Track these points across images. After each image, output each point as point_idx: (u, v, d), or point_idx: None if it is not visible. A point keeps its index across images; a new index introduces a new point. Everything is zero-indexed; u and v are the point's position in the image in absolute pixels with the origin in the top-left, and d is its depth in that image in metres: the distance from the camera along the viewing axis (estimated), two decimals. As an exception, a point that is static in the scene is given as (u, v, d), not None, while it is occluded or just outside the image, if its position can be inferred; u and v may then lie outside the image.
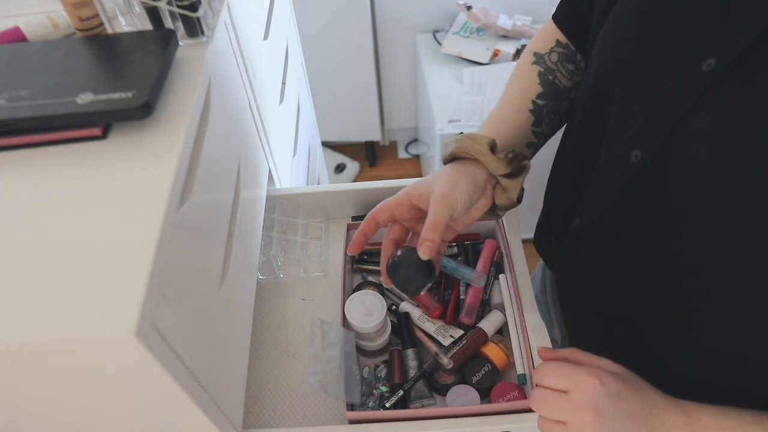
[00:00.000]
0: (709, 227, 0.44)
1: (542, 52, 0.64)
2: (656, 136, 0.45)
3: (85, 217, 0.41)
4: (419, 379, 0.66)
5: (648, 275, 0.52)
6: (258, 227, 0.72)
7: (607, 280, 0.57)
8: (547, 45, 0.64)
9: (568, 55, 0.64)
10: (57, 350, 0.36)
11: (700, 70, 0.41)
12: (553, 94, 0.63)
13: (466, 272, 0.73)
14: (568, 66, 0.64)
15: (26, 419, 0.47)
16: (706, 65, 0.41)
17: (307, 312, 0.77)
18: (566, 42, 0.64)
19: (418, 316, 0.73)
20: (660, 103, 0.45)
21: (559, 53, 0.63)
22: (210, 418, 0.47)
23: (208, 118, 0.53)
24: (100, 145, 0.46)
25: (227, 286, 0.55)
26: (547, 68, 0.63)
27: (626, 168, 0.49)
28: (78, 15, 0.52)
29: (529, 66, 0.64)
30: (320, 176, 1.52)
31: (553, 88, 0.63)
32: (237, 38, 0.68)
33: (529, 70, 0.64)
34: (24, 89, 0.47)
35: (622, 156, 0.49)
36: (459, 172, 0.55)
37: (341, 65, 1.95)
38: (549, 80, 0.63)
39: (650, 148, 0.46)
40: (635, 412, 0.45)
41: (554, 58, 0.63)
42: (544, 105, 0.63)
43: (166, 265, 0.39)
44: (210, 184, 0.52)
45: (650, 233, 0.50)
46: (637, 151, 0.48)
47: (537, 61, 0.64)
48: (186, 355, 0.42)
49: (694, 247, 0.46)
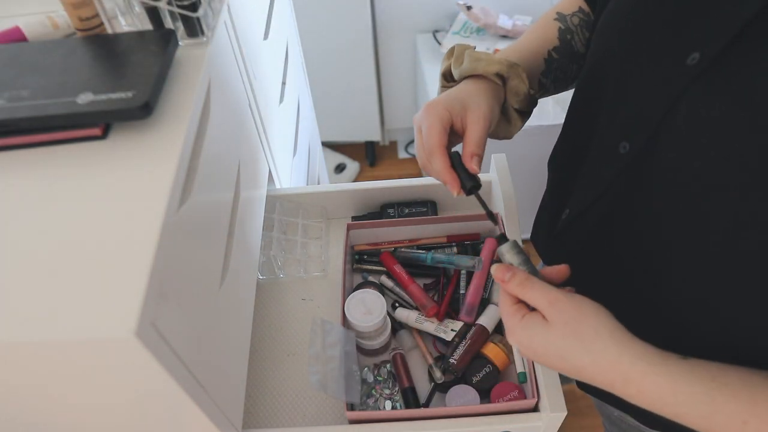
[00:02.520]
0: (694, 216, 0.45)
1: (565, 13, 0.66)
2: (643, 127, 0.47)
3: (85, 217, 0.41)
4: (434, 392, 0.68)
5: (638, 265, 0.53)
6: (258, 227, 0.72)
7: (598, 270, 0.57)
8: (571, 8, 0.66)
9: (588, 22, 0.65)
10: (57, 350, 0.36)
11: (684, 64, 0.42)
12: (567, 53, 0.65)
13: (463, 260, 0.73)
14: (585, 33, 0.65)
15: (26, 419, 0.47)
16: (691, 59, 0.42)
17: (307, 312, 0.77)
18: (588, 11, 0.65)
19: (416, 317, 0.73)
20: (647, 96, 0.46)
21: (580, 18, 0.65)
22: (210, 418, 0.47)
23: (208, 118, 0.53)
24: (100, 145, 0.46)
25: (227, 286, 0.55)
26: (567, 27, 0.65)
27: (615, 159, 0.50)
28: (78, 15, 0.52)
29: (551, 21, 0.65)
30: (320, 176, 1.52)
31: (568, 47, 0.65)
32: (237, 38, 0.68)
33: (551, 25, 0.65)
34: (24, 89, 0.47)
35: (611, 147, 0.50)
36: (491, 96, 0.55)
37: (341, 65, 1.95)
38: (567, 39, 0.64)
39: (638, 140, 0.48)
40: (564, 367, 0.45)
41: (575, 21, 0.65)
42: (557, 59, 0.64)
43: (166, 265, 0.39)
44: (210, 184, 0.52)
45: (639, 223, 0.51)
46: (626, 143, 0.49)
47: (559, 18, 0.65)
48: (186, 355, 0.42)
49: (681, 237, 0.47)
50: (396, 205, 0.84)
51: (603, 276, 0.57)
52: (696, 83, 0.42)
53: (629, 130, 0.49)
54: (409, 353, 0.72)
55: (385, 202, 0.85)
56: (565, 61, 0.65)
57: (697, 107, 0.42)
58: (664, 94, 0.44)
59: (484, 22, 1.70)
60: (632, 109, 0.48)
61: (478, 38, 1.73)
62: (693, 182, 0.44)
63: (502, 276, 0.47)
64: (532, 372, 0.63)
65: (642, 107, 0.47)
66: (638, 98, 0.48)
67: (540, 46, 0.64)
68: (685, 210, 0.46)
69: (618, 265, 0.55)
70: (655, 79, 0.46)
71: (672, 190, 0.46)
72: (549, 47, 0.64)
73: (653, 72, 0.46)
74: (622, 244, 0.54)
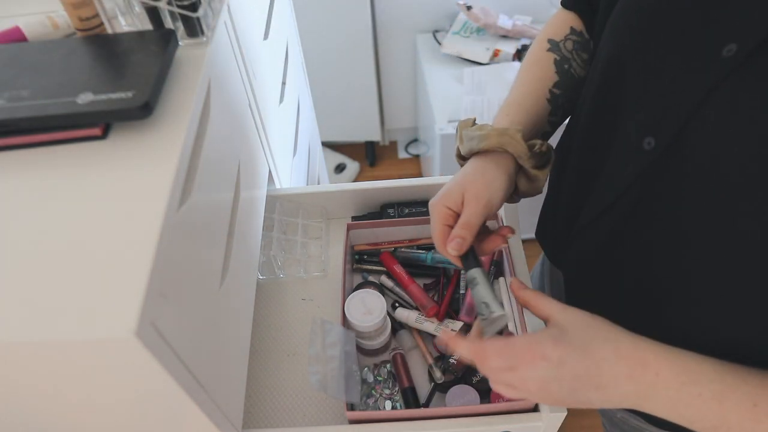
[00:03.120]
0: (722, 218, 0.43)
1: (557, 40, 0.63)
2: (671, 122, 0.44)
3: (85, 217, 0.41)
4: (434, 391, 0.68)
5: (659, 266, 0.51)
6: (258, 227, 0.72)
7: (617, 271, 0.56)
8: (562, 32, 0.63)
9: (582, 43, 0.63)
10: (57, 350, 0.36)
11: (720, 56, 0.40)
12: (569, 84, 0.63)
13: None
14: (582, 55, 0.63)
15: (26, 419, 0.47)
16: (727, 51, 0.40)
17: (307, 312, 0.77)
18: (580, 30, 0.63)
19: (416, 318, 0.73)
20: (676, 89, 0.44)
21: (573, 41, 0.63)
22: (210, 418, 0.47)
23: (208, 118, 0.53)
24: (100, 145, 0.46)
25: (227, 286, 0.55)
26: (562, 56, 0.62)
27: (639, 155, 0.48)
28: (78, 15, 0.52)
29: (545, 53, 0.63)
30: (320, 176, 1.52)
31: (568, 78, 0.63)
32: (237, 38, 0.68)
33: (545, 58, 0.63)
34: (24, 89, 0.47)
35: (635, 143, 0.48)
36: (492, 168, 0.55)
37: (341, 65, 1.95)
38: (564, 69, 0.62)
39: (665, 135, 0.45)
40: (581, 373, 0.44)
41: (569, 46, 0.63)
42: (560, 95, 0.62)
43: (166, 265, 0.39)
44: (210, 184, 0.52)
45: (662, 223, 0.49)
46: (651, 138, 0.46)
47: (552, 48, 0.63)
48: (186, 355, 0.42)
49: (706, 238, 0.45)
50: (396, 205, 0.84)
51: (618, 279, 0.56)
52: (732, 76, 0.40)
53: (655, 125, 0.46)
54: (409, 353, 0.72)
55: (385, 202, 0.85)
56: (568, 92, 0.63)
57: (731, 101, 0.40)
58: (695, 87, 0.42)
59: (484, 22, 1.70)
60: (658, 104, 0.46)
61: (478, 38, 1.74)
62: (722, 181, 0.42)
63: (519, 284, 0.53)
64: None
65: (669, 101, 0.45)
66: (665, 92, 0.45)
67: (539, 88, 0.62)
68: (712, 210, 0.44)
69: (636, 268, 0.54)
70: (685, 71, 0.43)
71: (700, 187, 0.44)
72: (549, 86, 0.62)
73: (682, 65, 0.44)
74: (642, 246, 0.52)
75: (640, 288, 0.54)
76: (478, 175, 0.55)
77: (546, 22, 0.67)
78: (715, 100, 0.41)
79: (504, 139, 0.55)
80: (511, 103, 0.62)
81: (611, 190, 0.53)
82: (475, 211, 0.53)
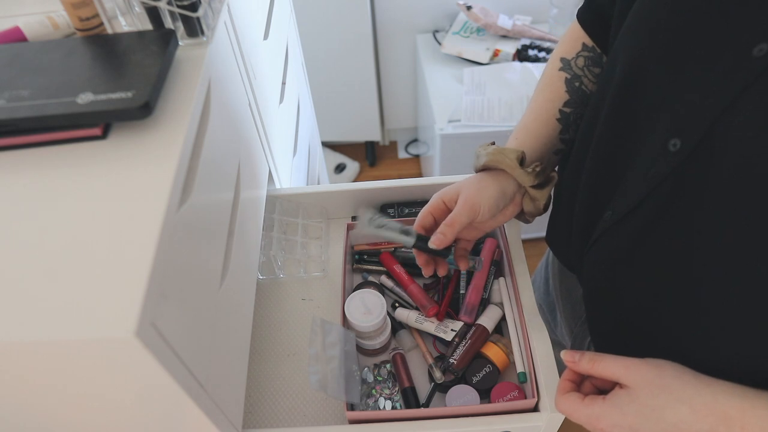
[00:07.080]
0: (752, 223, 0.42)
1: (569, 58, 0.65)
2: (699, 124, 0.43)
3: (86, 217, 0.41)
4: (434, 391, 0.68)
5: (684, 271, 0.49)
6: (258, 227, 0.72)
7: (639, 276, 0.54)
8: (574, 49, 0.65)
9: (594, 58, 0.64)
10: (57, 350, 0.36)
11: (750, 56, 0.39)
12: (580, 101, 0.65)
13: None
14: (594, 70, 0.64)
15: (26, 419, 0.47)
16: (758, 50, 0.39)
17: (307, 312, 0.77)
18: (592, 45, 0.64)
19: (416, 318, 0.73)
20: (703, 90, 0.43)
21: (585, 57, 0.65)
22: (210, 418, 0.47)
23: (208, 118, 0.53)
24: (100, 145, 0.46)
25: (227, 286, 0.55)
26: (573, 74, 0.65)
27: (664, 158, 0.47)
28: (78, 15, 0.52)
29: (556, 72, 0.66)
30: (320, 176, 1.52)
31: (579, 95, 0.65)
32: (237, 38, 0.68)
33: (556, 77, 0.66)
34: (24, 89, 0.47)
35: (660, 146, 0.47)
36: (487, 181, 0.62)
37: (341, 65, 1.95)
38: (575, 87, 0.65)
39: (691, 137, 0.44)
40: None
41: (581, 63, 0.65)
42: (571, 112, 0.65)
43: (166, 265, 0.39)
44: (210, 184, 0.52)
45: (688, 227, 0.47)
46: (676, 140, 0.45)
47: (564, 67, 0.65)
48: (186, 355, 0.42)
49: (736, 242, 0.44)
50: (396, 205, 0.84)
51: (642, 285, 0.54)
52: (763, 77, 0.39)
53: (681, 126, 0.45)
54: (409, 353, 0.72)
55: (385, 202, 0.85)
56: (580, 109, 0.65)
57: (762, 101, 0.39)
58: (724, 88, 0.41)
59: (484, 22, 1.70)
60: (684, 105, 0.45)
61: (478, 38, 1.74)
62: (753, 184, 0.41)
63: (571, 358, 0.51)
64: (532, 372, 0.63)
65: (696, 103, 0.43)
66: (692, 93, 0.44)
67: (549, 109, 0.65)
68: (743, 212, 0.42)
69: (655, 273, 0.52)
70: (713, 72, 0.42)
71: (728, 192, 0.43)
72: (558, 106, 0.65)
73: (710, 65, 0.42)
74: (666, 252, 0.50)
75: (667, 292, 0.52)
76: (475, 182, 0.62)
77: (569, 26, 0.68)
78: (745, 100, 0.40)
79: (498, 157, 0.62)
80: (521, 128, 0.67)
81: (635, 192, 0.51)
82: (461, 211, 0.60)
